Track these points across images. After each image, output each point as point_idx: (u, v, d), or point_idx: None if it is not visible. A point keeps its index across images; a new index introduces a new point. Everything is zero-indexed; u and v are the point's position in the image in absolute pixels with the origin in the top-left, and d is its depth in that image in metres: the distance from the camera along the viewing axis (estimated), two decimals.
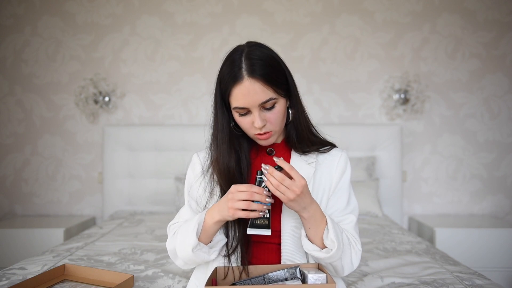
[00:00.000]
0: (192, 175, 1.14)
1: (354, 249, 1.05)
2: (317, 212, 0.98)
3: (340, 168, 1.11)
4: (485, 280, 1.36)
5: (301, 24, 2.90)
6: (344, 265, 1.03)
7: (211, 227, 1.00)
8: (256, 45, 1.01)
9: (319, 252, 0.99)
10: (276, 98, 0.99)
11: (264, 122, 1.00)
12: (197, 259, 1.02)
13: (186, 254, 1.01)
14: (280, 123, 1.03)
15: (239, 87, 0.96)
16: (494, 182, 2.88)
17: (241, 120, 1.02)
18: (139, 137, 2.82)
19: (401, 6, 2.87)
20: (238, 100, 0.98)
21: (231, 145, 1.06)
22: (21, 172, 2.92)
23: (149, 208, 2.78)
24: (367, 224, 2.32)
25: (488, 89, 2.87)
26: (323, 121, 2.90)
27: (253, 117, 0.99)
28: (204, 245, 1.01)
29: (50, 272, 1.31)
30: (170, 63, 2.92)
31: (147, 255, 1.74)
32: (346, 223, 1.08)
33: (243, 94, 0.96)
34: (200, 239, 1.01)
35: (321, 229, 0.99)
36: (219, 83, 1.02)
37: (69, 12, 2.91)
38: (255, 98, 0.96)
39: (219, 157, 1.05)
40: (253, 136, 1.05)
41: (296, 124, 1.09)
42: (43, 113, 2.92)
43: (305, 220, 0.99)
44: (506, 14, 2.85)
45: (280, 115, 1.02)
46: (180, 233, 1.03)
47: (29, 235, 2.42)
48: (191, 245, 0.99)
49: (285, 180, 0.92)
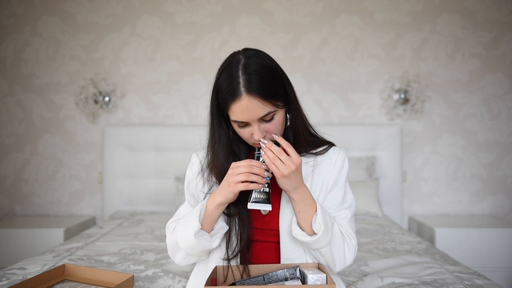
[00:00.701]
0: (191, 173, 1.16)
1: (347, 243, 1.05)
2: (307, 195, 0.99)
3: (338, 166, 1.11)
4: (485, 280, 1.36)
5: (301, 24, 2.90)
6: (335, 257, 1.02)
7: (213, 211, 1.00)
8: (253, 55, 0.99)
9: (305, 237, 0.99)
10: (275, 111, 0.99)
11: (264, 133, 1.00)
12: (199, 247, 1.02)
13: (188, 242, 1.02)
14: (279, 131, 1.04)
15: (238, 103, 0.96)
16: (494, 182, 2.88)
17: (241, 131, 1.02)
18: (139, 137, 2.82)
19: (401, 6, 2.87)
20: (237, 115, 0.98)
21: (229, 153, 1.07)
22: (21, 172, 2.92)
23: (149, 208, 2.78)
24: (367, 224, 2.32)
25: (488, 89, 2.87)
26: (323, 121, 2.90)
27: (252, 129, 1.00)
28: (205, 232, 1.02)
29: (50, 272, 1.31)
30: (170, 63, 2.92)
31: (147, 255, 1.74)
32: (340, 218, 1.08)
33: (241, 110, 0.96)
34: (202, 227, 1.02)
35: (310, 214, 0.99)
36: (215, 96, 1.01)
37: (69, 12, 2.91)
38: (254, 113, 0.96)
39: (217, 163, 1.07)
40: (252, 144, 1.05)
41: (293, 127, 1.09)
42: (43, 113, 2.92)
43: (295, 203, 1.00)
44: (506, 14, 2.85)
45: (279, 125, 1.02)
46: (182, 224, 1.04)
47: (29, 235, 2.42)
48: (194, 230, 0.99)
49: (282, 154, 0.94)
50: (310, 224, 1.00)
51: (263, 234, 1.07)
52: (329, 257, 1.02)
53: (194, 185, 1.14)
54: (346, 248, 1.04)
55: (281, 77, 1.02)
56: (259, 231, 1.07)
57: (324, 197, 1.10)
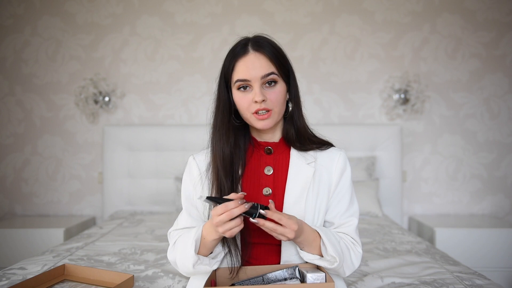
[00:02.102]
0: (188, 179, 1.13)
1: (354, 251, 1.07)
2: (308, 235, 1.00)
3: (340, 168, 1.11)
4: (485, 280, 1.36)
5: (301, 24, 2.90)
6: (345, 269, 1.05)
7: (210, 242, 1.00)
8: (262, 36, 1.07)
9: (319, 260, 1.01)
10: (278, 76, 1.02)
11: (264, 97, 1.01)
12: (198, 273, 1.03)
13: (187, 270, 1.03)
14: (279, 104, 1.04)
15: (244, 59, 1.01)
16: (494, 182, 2.88)
17: (242, 97, 1.03)
18: (139, 137, 2.82)
19: (401, 6, 2.87)
20: (241, 72, 1.01)
21: (229, 128, 1.07)
22: (21, 172, 2.92)
23: (149, 208, 2.78)
24: (367, 224, 2.32)
25: (488, 89, 2.87)
26: (323, 121, 2.90)
27: (253, 93, 1.01)
28: (205, 257, 1.01)
29: (50, 272, 1.31)
30: (170, 63, 2.92)
31: (147, 255, 1.74)
32: (347, 226, 1.09)
33: (246, 66, 1.00)
34: (200, 252, 1.01)
35: (315, 246, 1.01)
36: (224, 62, 1.06)
37: (69, 12, 2.91)
38: (259, 69, 1.00)
39: (217, 141, 1.06)
40: (251, 117, 1.04)
41: (294, 120, 1.10)
42: (43, 113, 2.92)
43: (299, 244, 1.02)
44: (506, 14, 2.84)
45: (280, 95, 1.03)
46: (179, 248, 1.03)
47: (29, 235, 2.42)
48: (191, 263, 0.99)
49: (277, 228, 0.93)
50: (316, 249, 1.02)
51: (263, 236, 1.06)
52: (340, 271, 1.05)
53: (194, 194, 1.11)
54: (353, 256, 1.06)
55: (287, 58, 1.07)
56: (259, 233, 1.06)
57: (328, 199, 1.10)
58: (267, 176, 1.09)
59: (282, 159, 1.11)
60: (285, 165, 1.10)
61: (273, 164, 1.10)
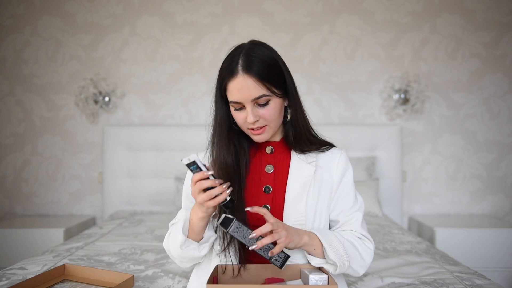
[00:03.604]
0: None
1: (363, 248, 1.06)
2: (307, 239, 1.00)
3: (341, 168, 1.11)
4: (485, 280, 1.36)
5: (301, 24, 2.90)
6: (355, 268, 1.05)
7: (196, 223, 1.01)
8: (258, 44, 1.04)
9: (326, 265, 1.02)
10: (270, 96, 1.01)
11: (257, 117, 1.01)
12: (187, 256, 1.04)
13: (177, 252, 1.04)
14: (274, 120, 1.04)
15: (234, 81, 0.99)
16: (494, 182, 2.88)
17: (236, 115, 1.04)
18: (139, 137, 2.82)
19: (401, 6, 2.87)
20: (233, 94, 1.01)
21: (229, 139, 1.08)
22: (21, 172, 2.92)
23: (149, 208, 2.78)
24: (367, 224, 2.30)
25: (488, 89, 2.87)
26: (323, 121, 2.90)
27: (246, 112, 1.01)
28: (193, 241, 1.03)
29: (50, 272, 1.31)
30: (170, 63, 2.92)
31: (147, 255, 1.74)
32: (352, 222, 1.09)
33: (237, 88, 0.99)
34: (189, 236, 1.03)
35: (318, 252, 1.01)
36: (218, 78, 1.06)
37: (69, 12, 2.91)
38: (248, 93, 0.99)
39: (217, 151, 1.07)
40: (247, 131, 1.06)
41: (294, 123, 1.10)
42: (43, 113, 2.92)
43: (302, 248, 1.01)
44: (506, 14, 2.84)
45: (274, 112, 1.03)
46: (172, 233, 1.06)
47: (29, 235, 2.42)
48: (179, 242, 1.01)
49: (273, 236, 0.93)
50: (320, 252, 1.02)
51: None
52: (350, 272, 1.06)
53: None
54: (363, 253, 1.06)
55: (282, 68, 1.04)
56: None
57: (330, 198, 1.10)
58: (268, 174, 1.10)
59: (283, 158, 1.12)
60: (286, 163, 1.11)
61: (274, 163, 1.11)
